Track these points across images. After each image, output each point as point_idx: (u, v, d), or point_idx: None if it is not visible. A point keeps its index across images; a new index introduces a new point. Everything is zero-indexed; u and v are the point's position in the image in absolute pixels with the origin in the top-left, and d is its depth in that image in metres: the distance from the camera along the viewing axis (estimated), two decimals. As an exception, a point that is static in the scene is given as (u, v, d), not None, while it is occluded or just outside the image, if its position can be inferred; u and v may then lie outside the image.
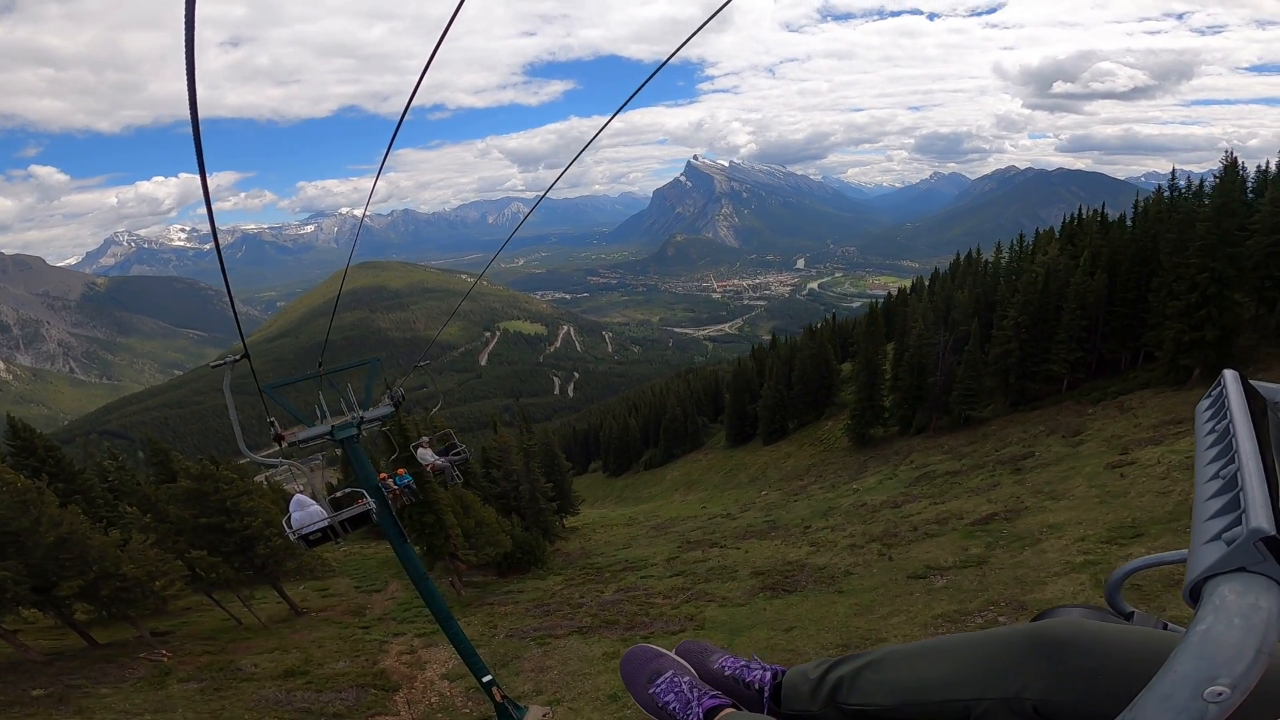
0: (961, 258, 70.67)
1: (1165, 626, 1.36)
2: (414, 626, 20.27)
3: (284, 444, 10.24)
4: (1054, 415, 39.90)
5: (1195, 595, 0.68)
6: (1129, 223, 45.10)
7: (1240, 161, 38.91)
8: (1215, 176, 38.69)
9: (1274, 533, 0.63)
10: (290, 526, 8.89)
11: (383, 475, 12.19)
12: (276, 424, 9.94)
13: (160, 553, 17.12)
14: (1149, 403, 35.64)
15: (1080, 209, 53.85)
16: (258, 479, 50.93)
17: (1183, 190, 42.18)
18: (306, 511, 9.05)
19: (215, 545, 19.30)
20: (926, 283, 70.44)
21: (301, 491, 9.55)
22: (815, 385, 68.12)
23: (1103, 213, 50.21)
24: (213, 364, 8.89)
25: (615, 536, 40.44)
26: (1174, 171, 44.06)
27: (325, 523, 8.90)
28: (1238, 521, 0.67)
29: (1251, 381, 1.00)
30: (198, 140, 2.14)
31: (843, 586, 17.04)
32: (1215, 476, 0.79)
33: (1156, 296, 38.02)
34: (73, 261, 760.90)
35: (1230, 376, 0.98)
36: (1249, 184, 40.65)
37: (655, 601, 19.46)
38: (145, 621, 18.26)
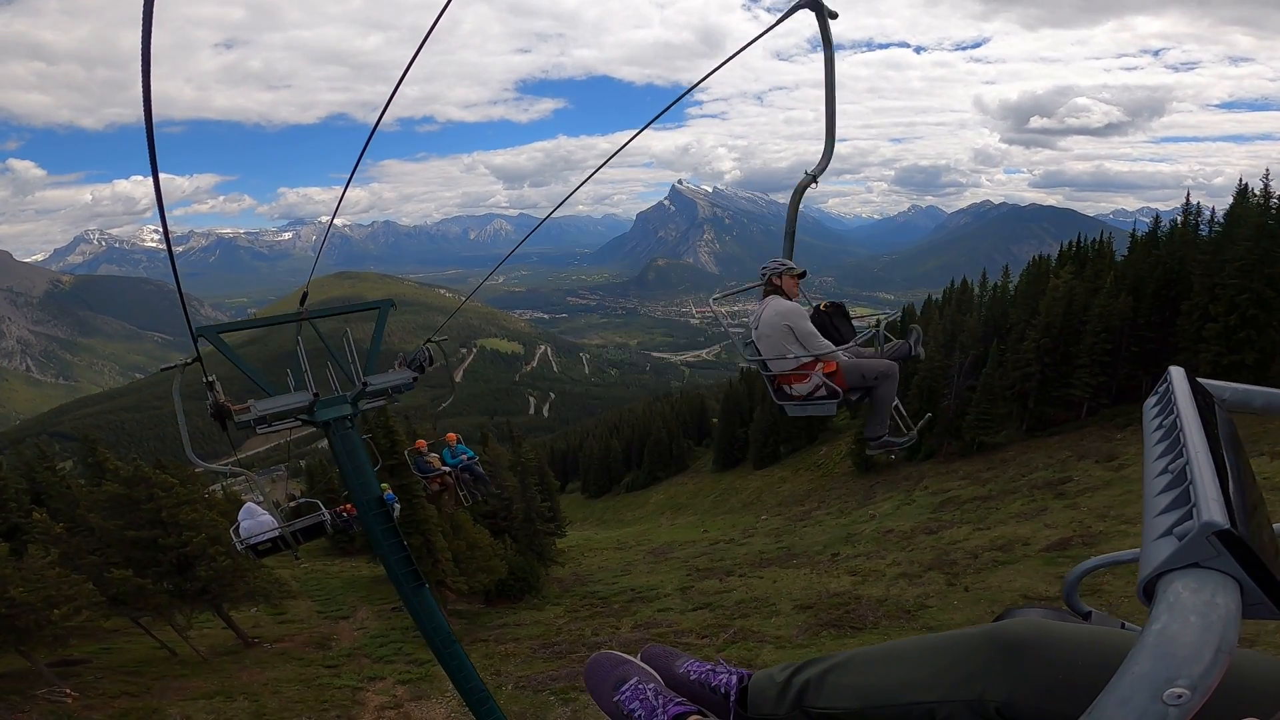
0: (955, 285, 69.18)
1: (1123, 625, 1.38)
2: (394, 668, 16.51)
3: (232, 421, 6.94)
4: (1077, 441, 37.77)
5: (1149, 593, 0.64)
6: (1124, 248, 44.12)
7: (1249, 186, 38.14)
8: (1210, 212, 38.41)
9: (1227, 526, 0.60)
10: (238, 536, 8.24)
11: (420, 443, 8.82)
12: (218, 390, 6.64)
13: (64, 572, 13.35)
14: (1185, 429, 33.63)
15: (1079, 236, 53.00)
16: (213, 488, 46.46)
17: (1194, 217, 41.17)
18: (256, 520, 8.41)
19: (146, 563, 15.54)
20: (918, 310, 69.36)
21: (256, 501, 8.95)
22: (810, 408, 66.12)
23: (1102, 240, 49.72)
24: (164, 367, 7.68)
25: (608, 561, 37.13)
26: (1188, 195, 42.99)
27: (275, 532, 8.21)
28: (1189, 516, 0.64)
29: (1198, 379, 0.97)
30: (150, 139, 2.23)
31: (927, 621, 14.26)
32: (1164, 471, 0.76)
33: (1188, 319, 36.46)
34: (40, 258, 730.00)
35: (1177, 373, 0.96)
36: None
37: (690, 641, 16.24)
38: (42, 653, 14.24)
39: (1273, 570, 0.61)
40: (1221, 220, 38.34)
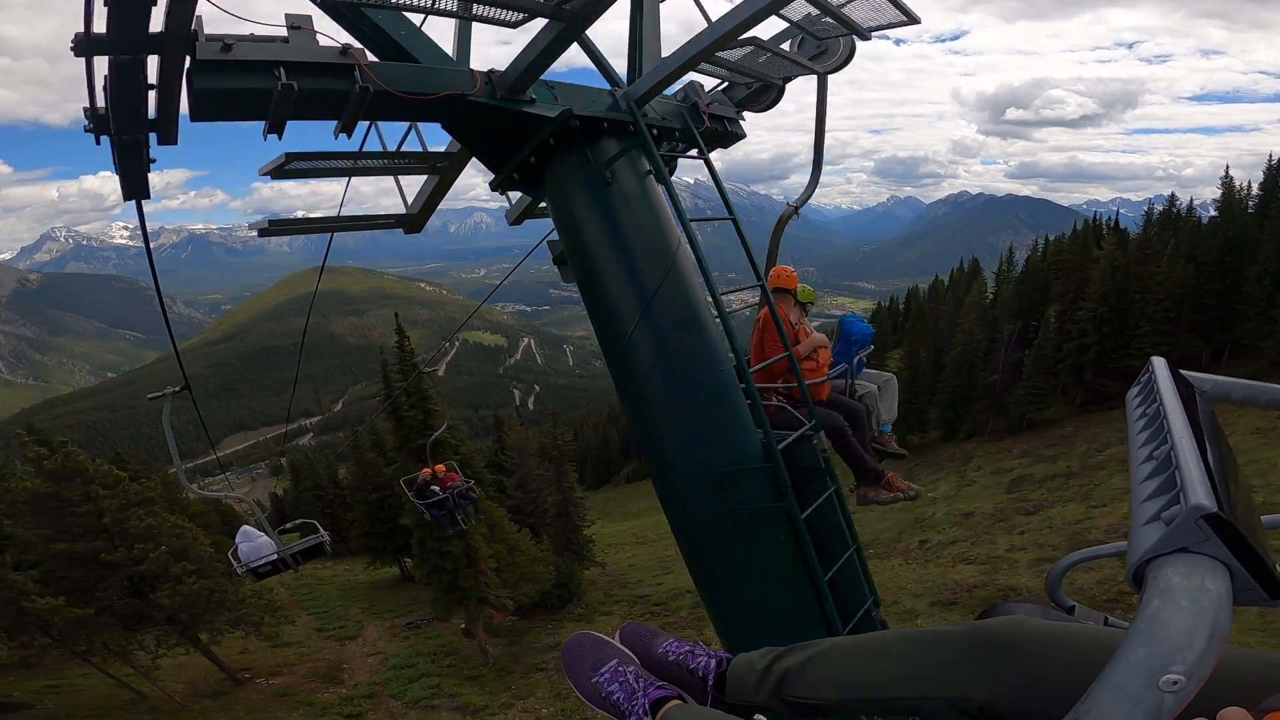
0: (964, 267, 66.55)
1: (1106, 621, 1.39)
2: (439, 717, 12.48)
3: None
4: (1144, 416, 34.96)
5: (1139, 580, 0.64)
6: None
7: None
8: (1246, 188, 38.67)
9: (1214, 509, 0.60)
10: (238, 559, 7.79)
11: None
12: None
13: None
14: (1270, 397, 31.03)
15: (1094, 216, 50.83)
16: (192, 487, 41.88)
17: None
18: (254, 544, 7.95)
19: (87, 586, 11.45)
20: (924, 294, 67.18)
21: (248, 519, 8.99)
22: (824, 391, 63.09)
23: (1109, 222, 48.09)
24: (150, 396, 6.72)
25: (637, 558, 33.59)
26: (1226, 169, 41.34)
27: (274, 555, 7.74)
28: (1175, 500, 0.63)
29: (1180, 370, 0.98)
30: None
31: (1134, 605, 10.89)
32: (1149, 459, 0.76)
33: (1257, 285, 34.13)
34: (6, 257, 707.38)
35: (1158, 363, 0.97)
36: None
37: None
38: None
39: (1261, 555, 0.59)
40: (1259, 194, 38.25)
